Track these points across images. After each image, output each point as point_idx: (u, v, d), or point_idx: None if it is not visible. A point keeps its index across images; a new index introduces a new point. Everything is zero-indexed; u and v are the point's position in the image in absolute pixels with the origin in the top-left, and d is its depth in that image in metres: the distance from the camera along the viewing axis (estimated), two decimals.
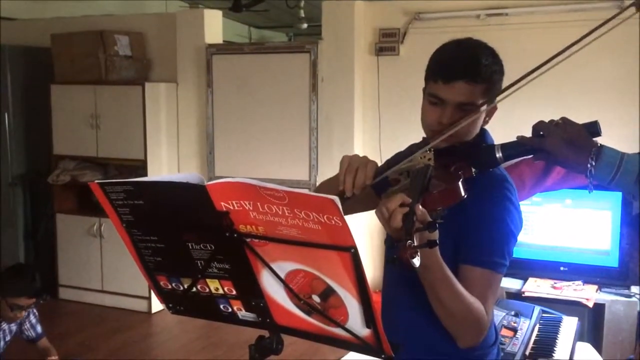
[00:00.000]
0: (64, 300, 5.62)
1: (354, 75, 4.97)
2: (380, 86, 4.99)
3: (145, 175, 4.96)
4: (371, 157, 1.49)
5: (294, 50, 5.24)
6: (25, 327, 3.53)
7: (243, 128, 5.31)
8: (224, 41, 5.73)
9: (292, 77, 5.11)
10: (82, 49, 5.30)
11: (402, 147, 1.68)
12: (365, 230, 4.81)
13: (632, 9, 1.42)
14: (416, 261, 1.15)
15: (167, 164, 5.50)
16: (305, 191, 1.14)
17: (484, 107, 1.52)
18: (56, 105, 5.52)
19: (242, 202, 1.19)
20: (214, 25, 5.53)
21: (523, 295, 3.96)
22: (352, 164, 1.45)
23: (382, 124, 4.98)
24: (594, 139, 1.42)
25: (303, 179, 5.09)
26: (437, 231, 1.24)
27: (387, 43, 4.92)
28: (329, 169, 4.91)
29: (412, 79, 1.52)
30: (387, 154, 1.72)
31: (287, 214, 1.16)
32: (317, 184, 4.97)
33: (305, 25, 7.49)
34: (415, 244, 1.16)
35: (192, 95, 5.51)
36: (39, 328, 3.59)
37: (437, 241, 1.23)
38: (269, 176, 5.06)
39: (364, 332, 1.24)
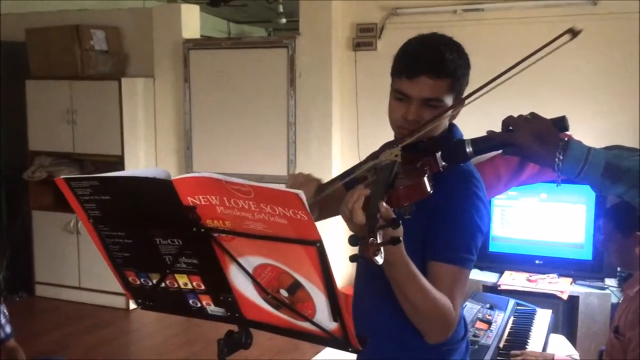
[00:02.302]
0: (41, 298, 5.59)
1: (331, 70, 4.97)
2: (358, 81, 4.99)
3: (123, 170, 4.92)
4: (349, 151, 1.52)
5: (271, 45, 5.22)
6: None
7: (221, 123, 5.29)
8: (201, 36, 5.71)
9: (270, 72, 5.09)
10: (57, 44, 5.25)
11: (380, 141, 1.68)
12: (340, 224, 4.81)
13: (567, 36, 1.45)
14: (379, 259, 1.14)
15: (145, 159, 5.46)
16: (272, 186, 1.14)
17: (449, 113, 1.53)
18: (31, 100, 5.46)
19: (208, 196, 1.19)
20: (191, 20, 5.50)
21: (499, 288, 3.99)
22: (296, 181, 1.52)
23: (360, 119, 4.98)
24: (563, 133, 1.43)
25: (281, 174, 5.07)
26: (401, 228, 1.23)
27: (364, 38, 4.93)
28: (307, 164, 4.90)
29: (389, 74, 1.54)
30: (365, 148, 1.73)
31: (253, 208, 1.16)
32: None
33: (284, 20, 7.48)
34: (379, 241, 1.15)
35: (170, 90, 5.48)
36: (8, 328, 3.55)
37: (401, 238, 1.22)
38: (247, 171, 5.04)
39: (331, 325, 1.24)
